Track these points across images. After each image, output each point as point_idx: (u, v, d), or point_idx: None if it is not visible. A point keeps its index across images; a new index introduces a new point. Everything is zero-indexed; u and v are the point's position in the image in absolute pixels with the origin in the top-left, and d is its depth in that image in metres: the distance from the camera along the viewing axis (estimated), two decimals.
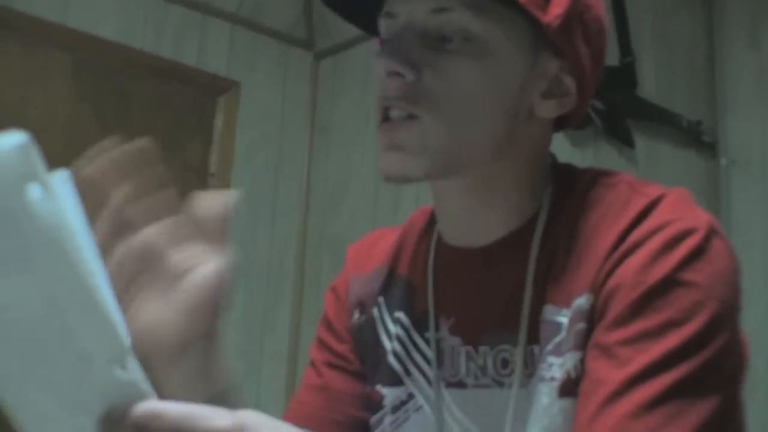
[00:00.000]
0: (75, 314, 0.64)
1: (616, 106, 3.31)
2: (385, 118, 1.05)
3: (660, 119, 3.51)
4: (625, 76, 3.41)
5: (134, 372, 0.68)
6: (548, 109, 1.08)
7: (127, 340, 0.67)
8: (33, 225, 0.60)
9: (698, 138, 3.60)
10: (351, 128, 3.86)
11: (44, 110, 3.38)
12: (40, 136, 2.79)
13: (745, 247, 3.54)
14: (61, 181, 0.69)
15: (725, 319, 0.94)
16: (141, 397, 0.67)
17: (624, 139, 3.35)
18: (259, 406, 0.74)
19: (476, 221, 1.10)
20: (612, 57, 3.40)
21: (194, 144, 3.76)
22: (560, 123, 1.14)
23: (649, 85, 3.51)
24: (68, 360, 0.65)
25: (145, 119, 3.64)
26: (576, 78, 1.08)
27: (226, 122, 3.84)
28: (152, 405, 0.66)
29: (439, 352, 1.13)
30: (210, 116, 3.83)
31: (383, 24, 1.07)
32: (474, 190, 1.08)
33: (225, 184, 3.78)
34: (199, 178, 3.75)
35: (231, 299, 0.84)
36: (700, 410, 0.89)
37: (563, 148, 3.14)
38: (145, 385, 0.68)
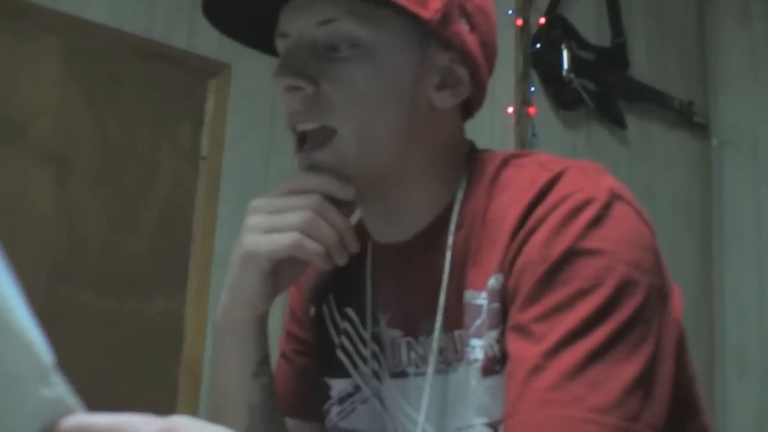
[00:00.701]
0: None
1: (608, 87, 3.32)
2: (300, 143, 1.09)
3: (652, 100, 3.52)
4: (616, 57, 3.42)
5: (59, 388, 0.68)
6: (444, 100, 1.10)
7: (48, 356, 0.67)
8: None
9: (690, 118, 3.61)
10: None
11: (35, 94, 3.37)
12: (30, 119, 2.80)
13: (737, 226, 3.55)
14: None
15: (638, 280, 0.94)
16: (68, 411, 0.67)
17: (616, 120, 3.36)
18: None
19: (397, 218, 1.13)
20: (604, 38, 3.40)
21: (185, 127, 3.75)
22: (466, 110, 1.17)
23: (641, 66, 3.52)
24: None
25: (136, 103, 3.62)
26: (467, 66, 1.10)
27: (218, 105, 3.83)
28: (80, 419, 0.67)
29: (381, 345, 1.17)
30: (201, 99, 3.82)
31: (279, 44, 1.12)
32: (390, 192, 1.11)
33: (216, 168, 3.78)
34: (190, 161, 3.74)
35: None
36: (627, 370, 0.90)
37: (556, 130, 3.14)
38: (71, 399, 0.68)
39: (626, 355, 0.91)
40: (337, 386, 1.21)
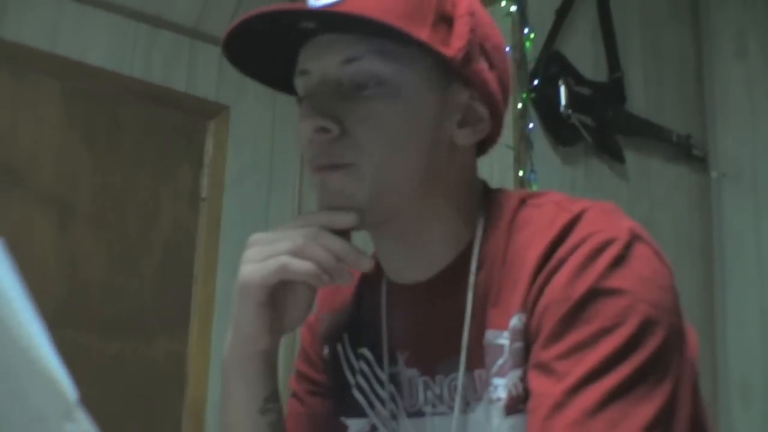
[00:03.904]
0: (20, 376, 0.64)
1: (606, 122, 3.33)
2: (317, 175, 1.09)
3: (650, 134, 3.52)
4: (614, 91, 3.42)
5: (83, 424, 0.68)
6: (465, 137, 1.12)
7: (73, 394, 0.68)
8: None
9: (688, 152, 3.62)
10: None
11: (34, 136, 3.38)
12: (30, 162, 2.80)
13: (739, 259, 3.55)
14: None
15: (658, 320, 0.96)
16: None
17: (614, 155, 3.36)
18: None
19: (415, 257, 1.13)
20: (601, 73, 3.41)
21: (185, 169, 3.76)
22: (480, 147, 1.18)
23: (639, 100, 3.53)
24: (24, 421, 0.65)
25: (136, 145, 3.64)
26: (486, 103, 1.12)
27: (217, 146, 3.84)
28: None
29: (398, 385, 1.17)
30: (200, 141, 3.83)
31: (299, 82, 1.11)
32: (408, 230, 1.11)
33: (216, 209, 3.78)
34: (190, 203, 3.75)
35: None
36: (646, 409, 0.91)
37: (554, 166, 3.14)
38: None
39: (646, 394, 0.92)
40: (354, 426, 1.21)
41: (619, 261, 0.97)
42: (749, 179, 3.57)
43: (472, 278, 1.09)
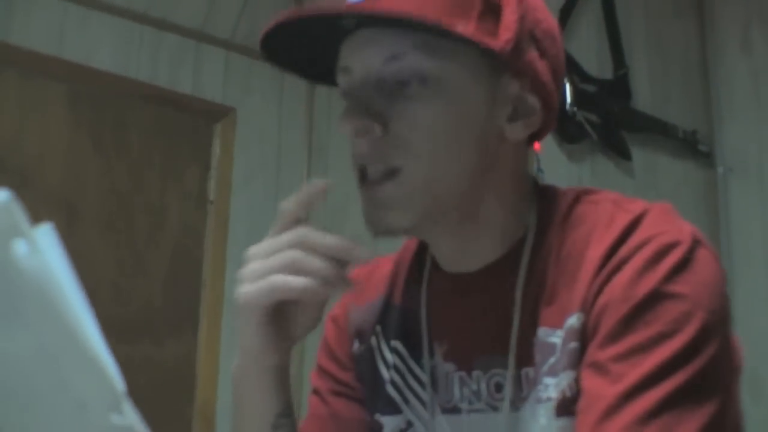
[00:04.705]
0: (68, 364, 0.65)
1: (612, 118, 3.32)
2: (363, 177, 1.06)
3: (656, 130, 3.52)
4: (619, 88, 3.42)
5: (130, 417, 0.68)
6: (517, 131, 1.08)
7: (121, 385, 0.68)
8: (21, 280, 0.61)
9: (694, 147, 3.61)
10: (349, 149, 3.82)
11: (42, 140, 3.39)
12: (38, 165, 2.81)
13: (746, 254, 3.54)
14: (44, 235, 0.70)
15: (715, 328, 0.95)
16: None
17: (620, 152, 3.36)
18: None
19: (465, 250, 1.11)
20: (606, 70, 3.41)
21: (192, 171, 3.77)
22: (531, 137, 1.15)
23: (644, 96, 3.52)
24: (66, 408, 0.66)
25: (143, 148, 3.64)
26: (538, 94, 1.08)
27: (224, 148, 3.84)
28: None
29: (434, 379, 1.14)
30: (207, 143, 3.83)
31: (341, 79, 1.08)
32: (460, 223, 1.09)
33: (224, 211, 3.79)
34: (198, 205, 3.75)
35: None
36: (697, 418, 0.90)
37: (560, 163, 3.14)
38: (141, 428, 0.69)
39: (699, 402, 0.91)
40: (390, 424, 1.17)
41: (682, 265, 0.96)
42: (756, 173, 3.57)
43: (522, 273, 1.07)
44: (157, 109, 3.71)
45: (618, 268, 0.98)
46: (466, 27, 1.01)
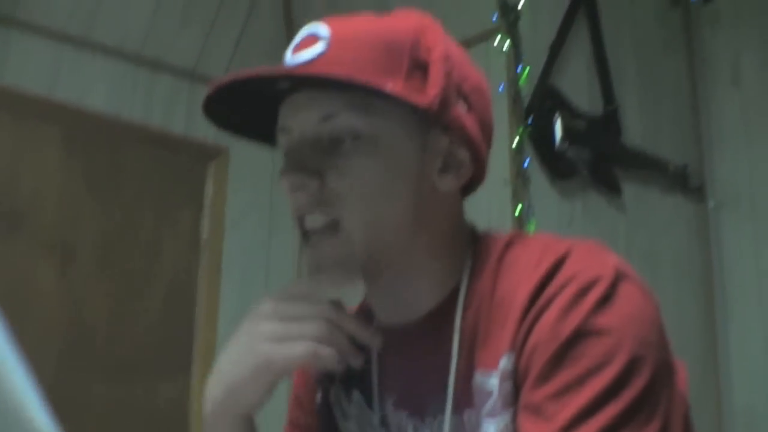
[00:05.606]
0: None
1: (603, 154, 3.34)
2: (304, 233, 1.10)
3: (646, 166, 3.54)
4: (609, 124, 3.44)
5: None
6: (449, 183, 1.12)
7: None
8: None
9: (685, 182, 3.63)
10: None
11: (36, 181, 3.40)
12: (32, 206, 2.81)
13: (739, 288, 3.55)
14: None
15: (645, 357, 0.96)
16: None
17: (612, 187, 3.37)
18: None
19: (403, 301, 1.14)
20: (596, 105, 3.43)
21: (185, 211, 3.78)
22: (467, 189, 1.18)
23: (635, 131, 3.54)
24: None
25: (136, 188, 3.65)
26: (467, 147, 1.12)
27: (217, 188, 3.86)
28: None
29: (388, 427, 1.17)
30: (200, 183, 3.85)
31: (281, 139, 1.13)
32: (397, 277, 1.11)
33: (217, 251, 3.79)
34: (191, 245, 3.76)
35: None
36: None
37: (552, 200, 3.15)
38: None
39: (636, 431, 0.93)
40: None
41: (604, 300, 0.98)
42: (747, 206, 3.58)
43: (458, 320, 1.09)
44: (150, 150, 3.72)
45: (545, 308, 1.00)
46: (394, 86, 1.05)
